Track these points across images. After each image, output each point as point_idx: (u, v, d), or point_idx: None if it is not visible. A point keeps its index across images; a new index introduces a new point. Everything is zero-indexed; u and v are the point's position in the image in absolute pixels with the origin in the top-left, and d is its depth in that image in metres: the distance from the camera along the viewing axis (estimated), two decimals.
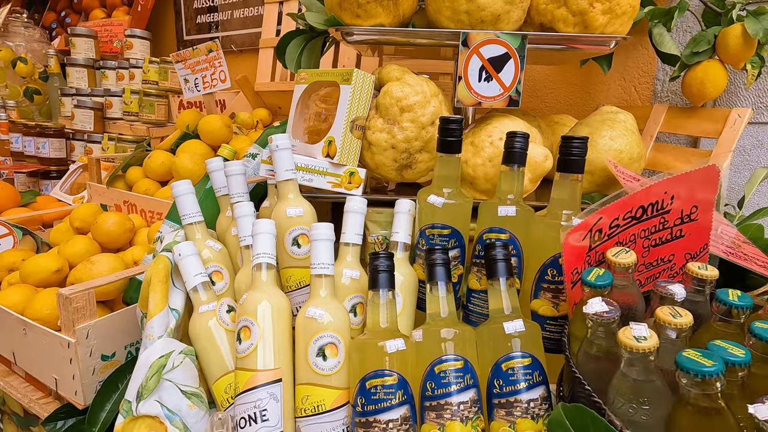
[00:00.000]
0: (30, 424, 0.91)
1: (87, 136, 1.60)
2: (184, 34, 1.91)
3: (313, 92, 0.80)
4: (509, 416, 0.53)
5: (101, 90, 1.63)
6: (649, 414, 0.42)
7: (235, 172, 0.78)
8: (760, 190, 1.08)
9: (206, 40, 1.97)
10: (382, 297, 0.58)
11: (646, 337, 0.41)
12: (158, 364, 0.55)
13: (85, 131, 1.60)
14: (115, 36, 1.74)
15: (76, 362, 0.70)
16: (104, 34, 1.76)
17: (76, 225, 1.03)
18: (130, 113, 1.55)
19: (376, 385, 0.53)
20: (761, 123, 1.06)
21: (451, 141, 0.65)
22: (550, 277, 0.63)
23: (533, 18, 0.77)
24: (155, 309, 0.60)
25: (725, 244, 0.68)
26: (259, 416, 0.53)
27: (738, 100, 1.06)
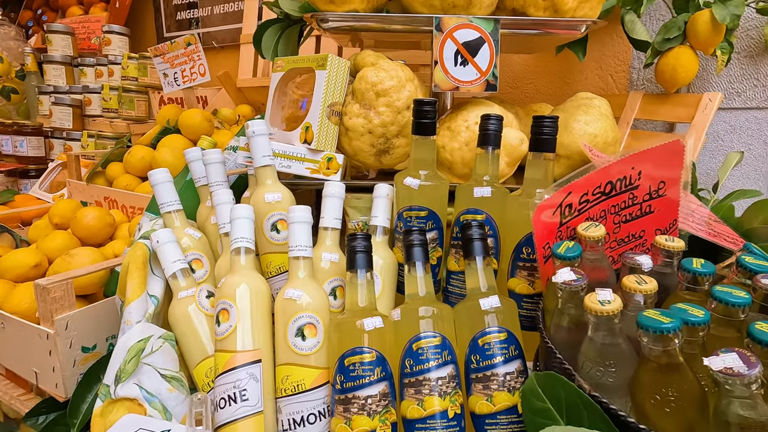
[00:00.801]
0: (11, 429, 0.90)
1: (66, 133, 1.58)
2: (164, 30, 1.90)
3: (290, 80, 0.81)
4: (486, 390, 0.54)
5: (80, 87, 1.61)
6: (615, 376, 0.43)
7: (213, 160, 0.78)
8: (734, 174, 1.11)
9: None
10: (360, 277, 0.59)
11: (610, 301, 0.43)
12: (137, 348, 0.55)
13: (63, 129, 1.58)
14: (92, 32, 1.72)
15: (56, 354, 0.70)
16: (81, 31, 1.74)
17: (55, 221, 1.02)
18: (109, 110, 1.53)
19: (354, 363, 0.54)
20: (733, 108, 1.09)
21: (425, 123, 0.66)
22: (525, 255, 0.64)
23: (505, 3, 0.79)
24: (133, 295, 0.60)
25: (696, 221, 0.70)
26: (239, 396, 0.53)
27: (711, 86, 1.08)
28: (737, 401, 0.35)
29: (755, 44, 1.02)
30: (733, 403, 0.35)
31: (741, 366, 0.34)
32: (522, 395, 0.48)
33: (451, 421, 0.53)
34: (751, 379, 0.33)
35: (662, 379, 0.39)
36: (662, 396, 0.38)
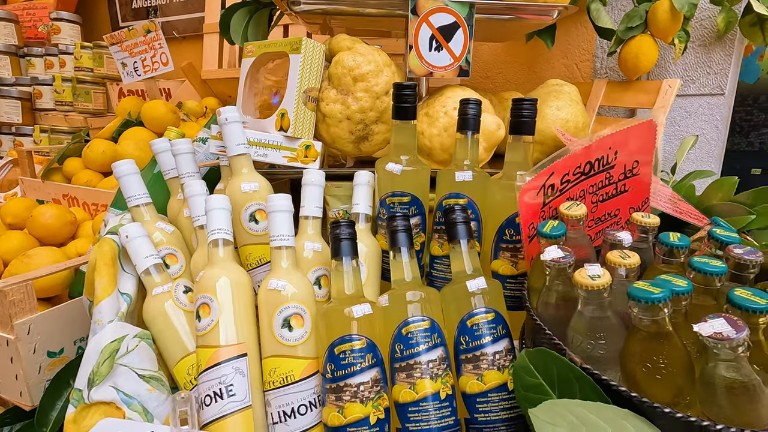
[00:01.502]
0: None
1: (15, 128, 1.46)
2: (120, 20, 1.80)
3: (262, 65, 0.78)
4: (476, 369, 0.55)
5: (27, 79, 1.50)
6: (605, 348, 0.44)
7: (183, 150, 0.75)
8: (689, 156, 1.17)
9: None
10: (346, 265, 0.58)
11: (599, 275, 0.44)
12: (110, 349, 0.52)
13: (12, 124, 1.46)
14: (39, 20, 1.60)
15: (18, 361, 0.65)
16: (26, 19, 1.61)
17: (8, 221, 0.95)
18: (63, 103, 1.43)
19: (344, 350, 0.53)
20: (688, 95, 1.14)
21: (406, 107, 0.66)
22: (508, 237, 0.65)
23: None
24: (103, 293, 0.56)
25: (662, 200, 0.73)
26: (225, 392, 0.51)
27: (668, 74, 1.13)
28: (724, 364, 0.37)
29: (708, 33, 1.07)
30: (720, 366, 0.37)
31: (729, 330, 0.35)
32: (513, 372, 0.49)
33: (443, 403, 0.54)
34: (739, 342, 0.35)
35: (652, 348, 0.40)
36: (653, 364, 0.40)
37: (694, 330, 0.37)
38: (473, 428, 0.54)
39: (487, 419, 0.53)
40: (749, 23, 1.01)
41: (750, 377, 0.36)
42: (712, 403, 0.38)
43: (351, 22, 0.94)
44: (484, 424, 0.54)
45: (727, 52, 1.07)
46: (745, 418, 0.37)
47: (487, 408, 0.54)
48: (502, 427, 0.53)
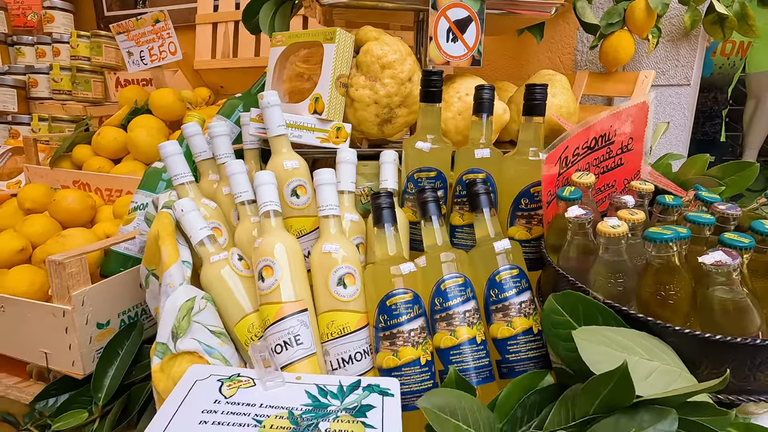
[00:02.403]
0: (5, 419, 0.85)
1: (11, 117, 1.43)
2: (105, 9, 1.78)
3: (291, 54, 0.84)
4: (506, 317, 0.63)
5: (22, 67, 1.47)
6: (623, 285, 0.54)
7: (220, 132, 0.80)
8: (661, 141, 1.31)
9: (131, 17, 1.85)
10: (387, 230, 0.65)
11: (619, 225, 0.53)
12: (186, 307, 0.57)
13: (8, 112, 1.43)
14: (28, 8, 1.56)
15: (74, 331, 0.69)
16: (15, 7, 1.57)
17: (27, 206, 0.96)
18: (61, 91, 1.41)
19: (395, 302, 0.60)
20: (659, 85, 1.28)
21: (433, 91, 0.73)
22: (523, 206, 0.74)
23: None
24: (170, 259, 0.61)
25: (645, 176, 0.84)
26: (294, 341, 0.57)
27: (641, 66, 1.26)
28: (721, 287, 0.47)
29: (676, 30, 1.21)
30: (718, 289, 0.47)
31: (727, 258, 0.45)
32: (543, 314, 0.57)
33: (479, 346, 0.62)
34: (734, 267, 0.45)
35: (664, 279, 0.49)
36: (665, 292, 0.49)
37: (699, 261, 0.46)
38: (504, 367, 0.63)
39: (517, 358, 0.62)
40: (711, 21, 1.14)
41: (741, 296, 0.46)
42: (710, 320, 0.48)
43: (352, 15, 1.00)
44: (515, 363, 0.62)
45: (692, 46, 1.20)
46: (736, 331, 0.47)
47: (517, 349, 0.62)
48: (531, 364, 0.62)
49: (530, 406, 0.55)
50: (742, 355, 0.47)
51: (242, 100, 1.09)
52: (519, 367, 0.62)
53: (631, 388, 0.42)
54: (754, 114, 1.83)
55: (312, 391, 0.50)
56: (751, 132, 1.85)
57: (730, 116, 1.94)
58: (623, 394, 0.43)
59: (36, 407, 0.73)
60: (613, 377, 0.43)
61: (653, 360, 0.47)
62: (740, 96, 2.05)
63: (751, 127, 1.85)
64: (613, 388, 0.43)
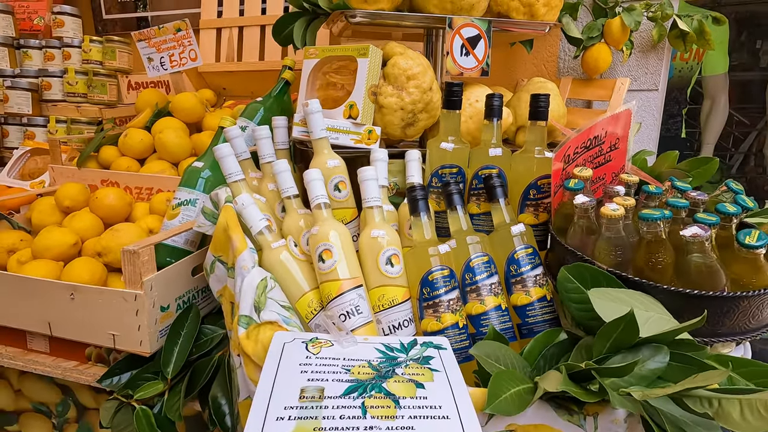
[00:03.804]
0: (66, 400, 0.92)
1: (27, 119, 1.45)
2: (103, 12, 1.81)
3: (324, 65, 0.94)
4: (524, 288, 0.76)
5: (34, 70, 1.48)
6: (621, 256, 0.67)
7: (265, 135, 0.90)
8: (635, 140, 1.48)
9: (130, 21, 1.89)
10: (423, 218, 0.77)
11: (618, 209, 0.67)
12: (262, 285, 0.67)
13: (22, 114, 1.45)
14: (34, 13, 1.58)
15: (144, 313, 0.77)
16: (20, 11, 1.58)
17: (65, 204, 1.02)
18: (75, 94, 1.44)
19: (436, 277, 0.72)
20: (632, 90, 1.44)
21: (454, 99, 0.85)
22: (531, 196, 0.87)
23: (492, 8, 1.00)
24: (242, 245, 0.71)
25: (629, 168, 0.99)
26: (355, 311, 0.68)
27: (616, 73, 1.42)
28: (696, 255, 0.61)
29: (645, 42, 1.37)
30: (694, 256, 0.61)
31: (701, 231, 0.59)
32: (558, 282, 0.70)
33: (504, 312, 0.75)
34: (706, 238, 0.59)
35: (654, 250, 0.63)
36: (655, 260, 0.63)
37: (680, 234, 0.61)
38: (525, 329, 0.76)
39: (535, 321, 0.75)
40: (674, 36, 1.31)
41: (711, 260, 0.60)
42: (689, 280, 0.62)
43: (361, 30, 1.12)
44: (533, 324, 0.75)
45: (659, 56, 1.38)
46: (708, 287, 0.61)
47: (534, 313, 0.76)
48: (546, 325, 0.75)
49: (550, 356, 0.68)
50: (713, 306, 0.61)
51: (263, 104, 1.19)
52: (537, 328, 0.75)
53: (636, 329, 0.56)
54: (709, 113, 2.06)
55: (380, 348, 0.61)
56: (707, 129, 2.07)
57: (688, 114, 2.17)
58: (630, 335, 0.57)
59: (103, 384, 0.81)
60: (623, 322, 0.56)
61: (648, 311, 0.61)
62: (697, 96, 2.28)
63: (707, 125, 2.07)
64: (623, 330, 0.57)
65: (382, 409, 0.50)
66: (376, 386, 0.53)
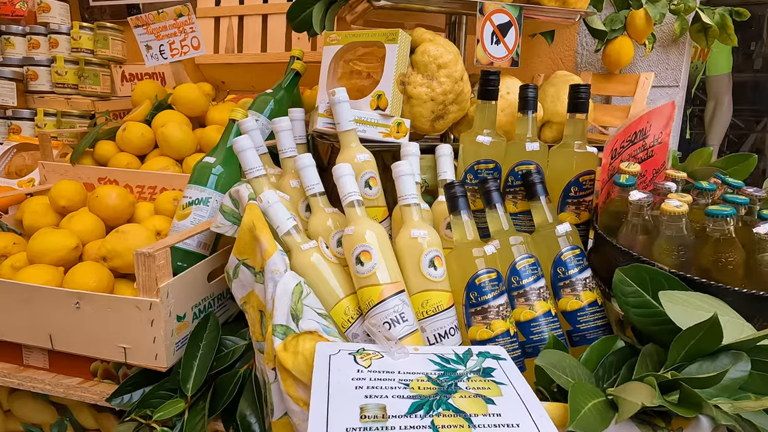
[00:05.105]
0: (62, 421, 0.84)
1: (12, 112, 1.34)
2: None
3: (347, 52, 0.88)
4: (574, 292, 0.71)
5: (18, 59, 1.38)
6: (684, 256, 0.63)
7: (285, 127, 0.83)
8: None
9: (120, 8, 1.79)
10: (464, 216, 0.71)
11: (681, 205, 0.62)
12: (298, 291, 0.61)
13: (7, 107, 1.34)
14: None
15: (159, 323, 0.70)
16: None
17: (61, 204, 0.94)
18: (65, 85, 1.34)
19: (484, 281, 0.66)
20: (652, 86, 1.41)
21: (491, 90, 0.80)
22: (573, 194, 0.82)
23: None
24: (271, 247, 0.64)
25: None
26: (400, 319, 0.62)
27: (635, 68, 1.39)
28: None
29: (666, 36, 1.34)
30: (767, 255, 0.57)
31: None
32: (614, 285, 0.65)
33: (553, 318, 0.70)
34: None
35: (721, 248, 0.59)
36: (725, 259, 0.59)
37: (753, 231, 0.56)
38: (576, 336, 0.71)
39: (587, 327, 0.70)
40: (696, 30, 1.28)
41: None
42: (760, 281, 0.58)
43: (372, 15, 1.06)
44: (585, 331, 0.70)
45: (680, 51, 1.35)
46: None
47: (586, 319, 0.71)
48: (599, 331, 0.70)
49: (609, 365, 0.63)
50: None
51: (273, 96, 1.12)
52: (589, 335, 0.70)
53: (720, 336, 0.51)
54: (713, 114, 2.05)
55: (434, 359, 0.55)
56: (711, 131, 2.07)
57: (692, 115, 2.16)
58: (711, 342, 0.52)
59: (113, 402, 0.73)
60: (703, 328, 0.52)
61: (723, 316, 0.56)
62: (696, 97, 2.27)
63: (711, 127, 2.07)
64: (702, 337, 0.52)
65: (454, 428, 0.44)
66: (442, 403, 0.47)
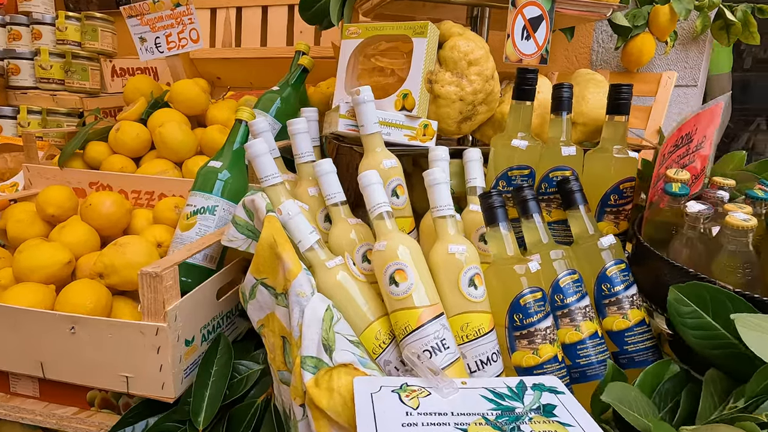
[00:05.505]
0: None
1: None
2: None
3: (367, 47, 0.80)
4: (621, 310, 0.66)
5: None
6: (750, 275, 0.58)
7: (301, 129, 0.76)
8: None
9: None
10: (503, 229, 0.65)
11: (748, 219, 0.57)
12: (328, 317, 0.54)
13: None
14: None
15: (167, 350, 0.62)
16: None
17: (50, 212, 0.85)
18: (50, 80, 1.23)
19: (529, 301, 0.60)
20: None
21: (528, 89, 0.74)
22: (612, 202, 0.76)
23: None
24: (296, 267, 0.57)
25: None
26: (441, 346, 0.56)
27: (653, 68, 1.34)
28: None
29: (686, 34, 1.30)
30: None
31: None
32: (669, 304, 0.60)
33: (600, 340, 0.64)
34: None
35: None
36: None
37: None
38: (623, 358, 0.65)
39: (636, 348, 0.65)
40: (718, 27, 1.24)
41: None
42: None
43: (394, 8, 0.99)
44: (633, 353, 0.65)
45: (700, 50, 1.30)
46: None
47: (634, 340, 0.65)
48: (648, 353, 0.65)
49: (665, 392, 0.58)
50: None
51: (279, 94, 1.04)
52: (638, 357, 0.65)
53: None
54: None
55: (487, 395, 0.49)
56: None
57: None
58: None
59: None
60: None
61: None
62: None
63: None
64: None
65: None
66: None
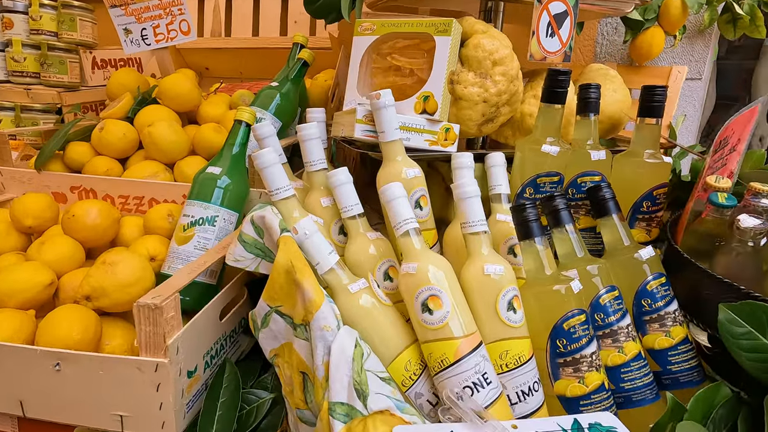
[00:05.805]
0: None
1: None
2: None
3: (382, 45, 0.73)
4: (663, 327, 0.62)
5: None
6: None
7: (313, 135, 0.69)
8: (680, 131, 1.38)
9: None
10: (539, 245, 0.60)
11: None
12: (359, 355, 0.48)
13: None
14: None
15: (168, 386, 0.55)
16: None
17: (27, 224, 0.76)
18: (24, 73, 1.11)
19: (573, 325, 0.56)
20: None
21: (559, 91, 0.68)
22: (645, 209, 0.72)
23: None
24: (318, 296, 0.51)
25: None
26: (483, 381, 0.50)
27: (660, 61, 1.31)
28: None
29: (692, 27, 1.26)
30: None
31: None
32: (720, 324, 0.56)
33: (643, 361, 0.60)
34: None
35: None
36: None
37: None
38: (667, 378, 0.62)
39: (680, 368, 0.61)
40: (725, 20, 1.21)
41: None
42: None
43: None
44: (678, 373, 0.61)
45: (706, 43, 1.27)
46: None
47: (679, 359, 0.61)
48: (694, 373, 0.61)
49: (719, 419, 0.54)
50: None
51: (278, 90, 0.96)
52: (683, 378, 0.61)
53: None
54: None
55: None
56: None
57: None
58: None
59: None
60: None
61: None
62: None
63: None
64: None
65: None
66: None
